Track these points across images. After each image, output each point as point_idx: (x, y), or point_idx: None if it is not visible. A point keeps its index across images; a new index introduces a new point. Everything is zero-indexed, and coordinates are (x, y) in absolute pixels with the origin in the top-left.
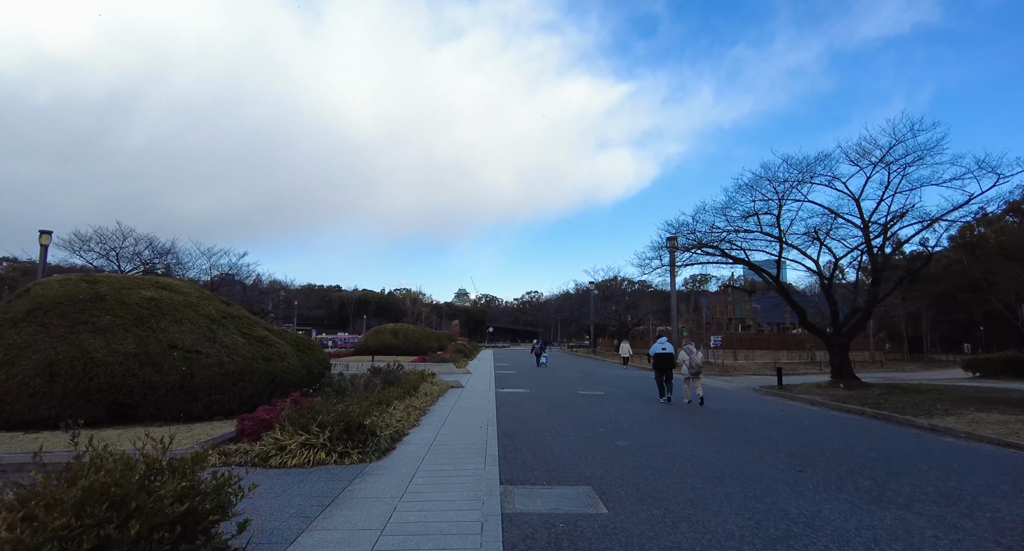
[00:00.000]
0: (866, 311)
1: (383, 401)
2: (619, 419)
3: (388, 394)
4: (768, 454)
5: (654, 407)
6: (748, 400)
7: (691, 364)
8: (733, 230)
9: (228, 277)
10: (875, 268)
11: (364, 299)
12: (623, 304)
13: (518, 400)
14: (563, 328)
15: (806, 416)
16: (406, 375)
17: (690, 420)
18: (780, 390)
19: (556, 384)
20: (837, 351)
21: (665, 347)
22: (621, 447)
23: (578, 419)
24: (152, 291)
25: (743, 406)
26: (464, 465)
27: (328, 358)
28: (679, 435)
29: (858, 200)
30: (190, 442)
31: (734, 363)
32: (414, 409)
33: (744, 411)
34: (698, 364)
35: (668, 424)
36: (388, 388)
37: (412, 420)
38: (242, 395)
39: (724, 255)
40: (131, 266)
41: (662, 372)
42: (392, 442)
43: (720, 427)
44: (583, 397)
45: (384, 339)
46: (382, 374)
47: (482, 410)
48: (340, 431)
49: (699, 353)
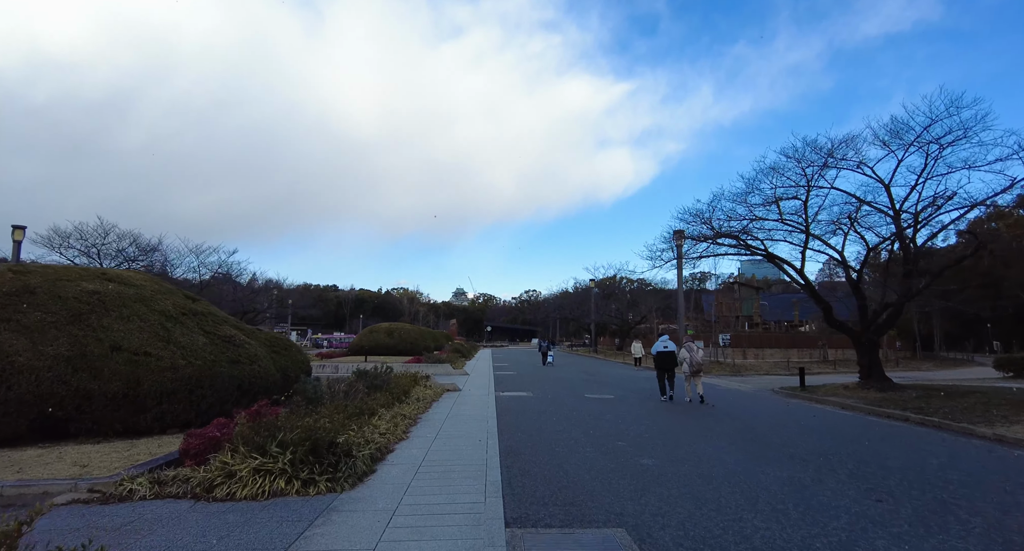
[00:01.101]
0: (898, 306)
1: (365, 410)
2: (637, 429)
3: (372, 401)
4: (826, 474)
5: (673, 413)
6: (772, 404)
7: (692, 362)
8: (754, 218)
9: (225, 276)
10: (908, 259)
11: (361, 299)
12: (625, 302)
13: (521, 406)
14: (562, 327)
15: (845, 423)
16: (396, 378)
17: (718, 429)
18: (803, 392)
19: (560, 386)
20: (866, 350)
21: (667, 345)
22: (649, 468)
23: (591, 429)
24: (96, 283)
25: (769, 411)
26: (459, 494)
27: (308, 360)
28: (711, 449)
29: (888, 186)
30: (124, 464)
31: (744, 362)
32: (403, 418)
33: (773, 417)
34: (699, 362)
35: (695, 435)
36: (374, 394)
37: (400, 432)
38: (201, 404)
39: (745, 246)
40: (114, 264)
41: (663, 370)
42: (372, 463)
43: (755, 438)
44: (592, 401)
45: (379, 339)
46: (368, 378)
47: (481, 418)
48: (305, 452)
49: (699, 351)
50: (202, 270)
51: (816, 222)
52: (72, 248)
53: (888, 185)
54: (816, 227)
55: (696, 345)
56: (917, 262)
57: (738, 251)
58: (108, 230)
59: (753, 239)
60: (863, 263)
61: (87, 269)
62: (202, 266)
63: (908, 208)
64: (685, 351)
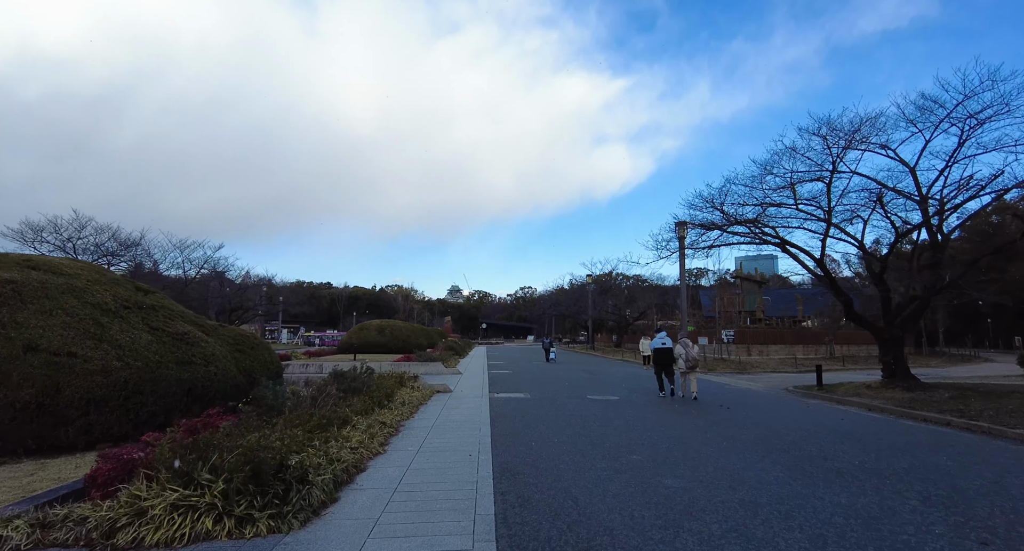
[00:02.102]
0: (925, 299)
1: (335, 420)
2: (651, 437)
3: (347, 408)
4: (894, 500)
5: (687, 417)
6: (791, 406)
7: (687, 358)
8: (771, 204)
9: (214, 273)
10: (936, 247)
11: (355, 296)
12: (622, 298)
13: (517, 410)
14: (558, 324)
15: (881, 429)
16: (379, 380)
17: (743, 437)
18: (822, 392)
19: (559, 386)
20: (890, 346)
21: (665, 342)
22: (676, 492)
23: (599, 438)
24: (13, 272)
25: (791, 414)
26: (440, 536)
27: (278, 360)
28: (743, 464)
29: (913, 169)
30: (14, 496)
31: (749, 359)
32: (382, 428)
33: (798, 422)
34: (694, 358)
35: (719, 445)
36: (350, 398)
37: (376, 445)
38: (140, 413)
39: (759, 235)
40: (91, 259)
41: (661, 367)
42: (335, 489)
43: (787, 448)
44: (595, 404)
45: (369, 336)
46: (345, 380)
47: (472, 426)
48: (244, 479)
49: (695, 347)
50: (187, 266)
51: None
52: (46, 243)
53: (914, 168)
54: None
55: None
56: (944, 250)
57: (751, 240)
58: (84, 224)
59: (767, 226)
60: (889, 252)
61: (6, 255)
62: (187, 262)
63: (934, 194)
64: (680, 347)
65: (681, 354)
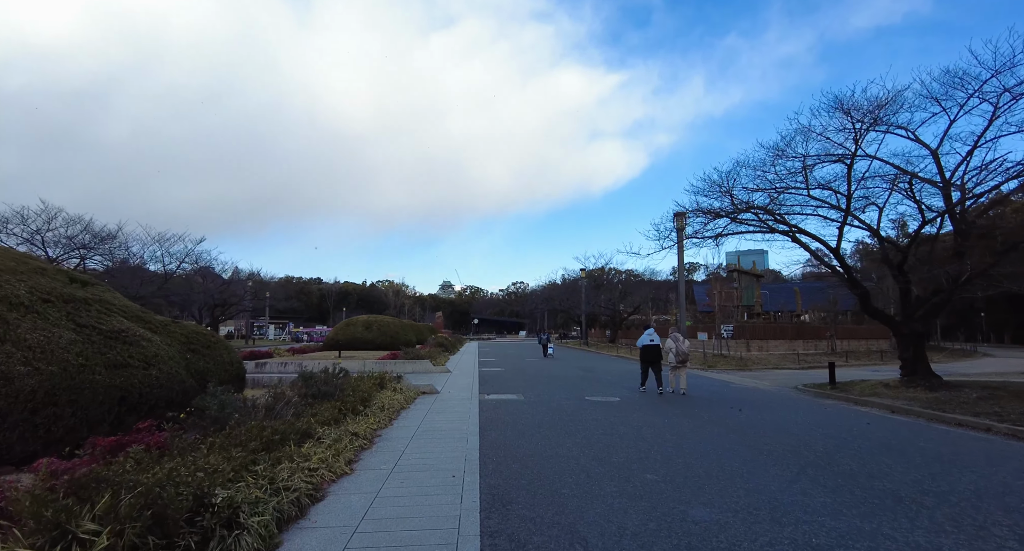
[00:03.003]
0: (948, 291)
1: (292, 434)
2: (665, 449)
3: (310, 417)
4: (989, 543)
5: (701, 422)
6: (807, 407)
7: (677, 352)
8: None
9: (202, 269)
10: (961, 235)
11: (345, 292)
12: (617, 292)
13: (510, 414)
14: (550, 319)
15: (916, 436)
16: (355, 382)
17: (770, 449)
18: (836, 391)
19: (554, 386)
20: (910, 342)
21: (653, 339)
22: (710, 527)
23: (604, 452)
24: None
25: (810, 418)
26: None
27: (240, 361)
28: (781, 486)
29: (936, 152)
30: None
31: (750, 355)
32: (353, 440)
33: (823, 428)
34: (684, 352)
35: (747, 459)
36: (319, 405)
37: (341, 464)
38: (54, 428)
39: (774, 221)
40: (61, 253)
41: (648, 363)
42: (277, 531)
43: (825, 464)
44: (596, 407)
45: (356, 332)
46: (316, 382)
47: (459, 436)
48: (143, 530)
49: (686, 342)
50: (167, 260)
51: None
52: (12, 235)
53: (936, 151)
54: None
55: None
56: (969, 238)
57: (757, 228)
58: (53, 215)
59: (779, 214)
60: (913, 239)
61: None
62: (167, 256)
63: (957, 179)
64: (671, 341)
65: (671, 348)
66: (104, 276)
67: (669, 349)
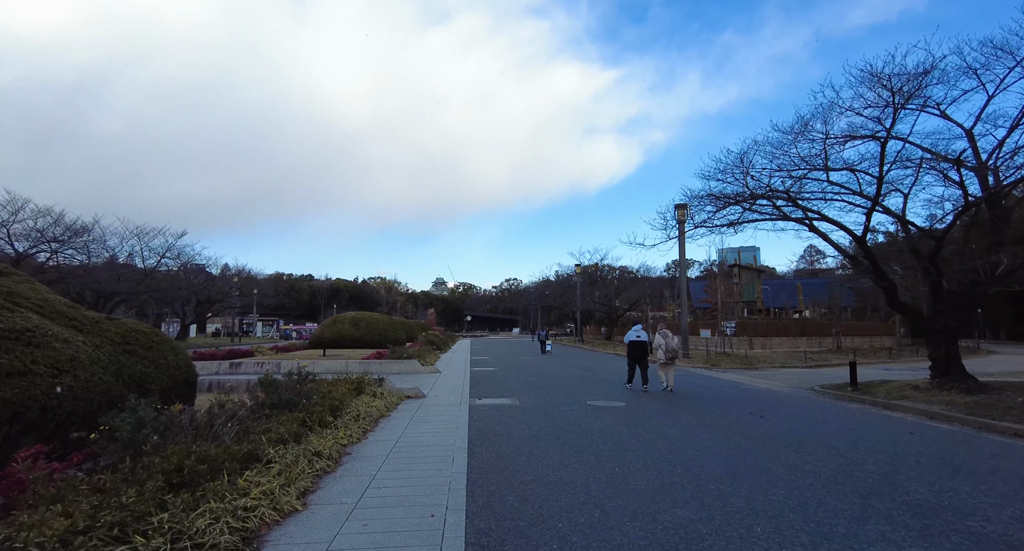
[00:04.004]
0: (986, 285)
1: (226, 461)
2: (691, 470)
3: (261, 435)
4: None
5: (720, 432)
6: (833, 413)
7: (667, 349)
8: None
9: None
10: (999, 223)
11: (336, 288)
12: (613, 288)
13: (505, 424)
14: (543, 316)
15: (977, 450)
16: (328, 386)
17: (810, 468)
18: (858, 393)
19: (552, 388)
20: (941, 339)
21: (640, 335)
22: None
23: (619, 475)
24: None
25: (843, 425)
26: None
27: (188, 364)
28: (848, 526)
29: (970, 132)
30: None
31: (754, 353)
32: (313, 462)
33: (863, 439)
34: (674, 349)
35: (791, 485)
36: (277, 416)
37: (293, 497)
38: None
39: (794, 207)
40: (30, 247)
41: (635, 360)
42: None
43: (888, 490)
44: (600, 414)
45: (343, 330)
46: (276, 389)
47: (443, 454)
48: None
49: (675, 338)
50: (147, 255)
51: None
52: None
53: (971, 130)
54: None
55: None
56: (1009, 226)
57: (770, 216)
58: (20, 206)
59: (800, 199)
60: (951, 226)
61: None
62: (147, 250)
63: (990, 164)
64: (660, 337)
65: (660, 345)
66: (78, 271)
67: (658, 346)
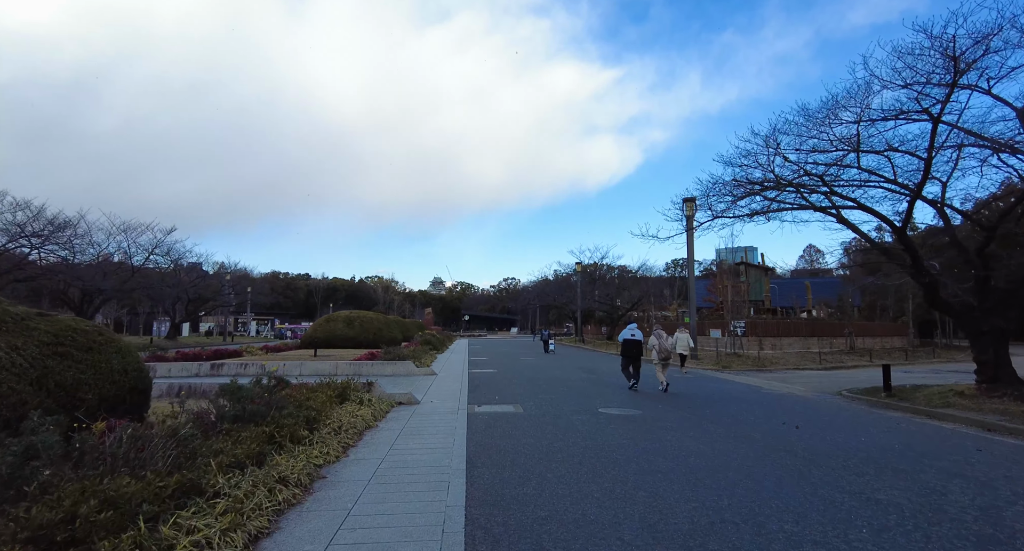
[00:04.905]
0: None
1: (147, 502)
2: (741, 503)
3: (210, 458)
4: None
5: (759, 449)
6: (875, 424)
7: (660, 349)
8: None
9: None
10: None
11: (333, 287)
12: (614, 286)
13: (508, 438)
14: (542, 315)
15: None
16: (307, 393)
17: (884, 499)
18: (895, 400)
19: (558, 393)
20: (989, 341)
21: (634, 334)
22: None
23: (653, 509)
24: None
25: (895, 439)
26: None
27: (142, 368)
28: None
29: (1022, 112)
30: None
31: (765, 354)
32: (274, 493)
33: (926, 458)
34: (667, 349)
35: (876, 528)
36: (237, 432)
37: (238, 546)
38: None
39: (825, 193)
40: (8, 240)
41: (630, 359)
42: None
43: (1003, 539)
44: (616, 425)
45: (336, 329)
46: (241, 398)
47: (437, 478)
48: None
49: (669, 339)
50: (135, 251)
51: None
52: None
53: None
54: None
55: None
56: None
57: (796, 203)
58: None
59: (837, 186)
60: (1002, 217)
61: None
62: (135, 246)
63: None
64: (654, 338)
65: (654, 345)
66: (60, 268)
67: (652, 346)
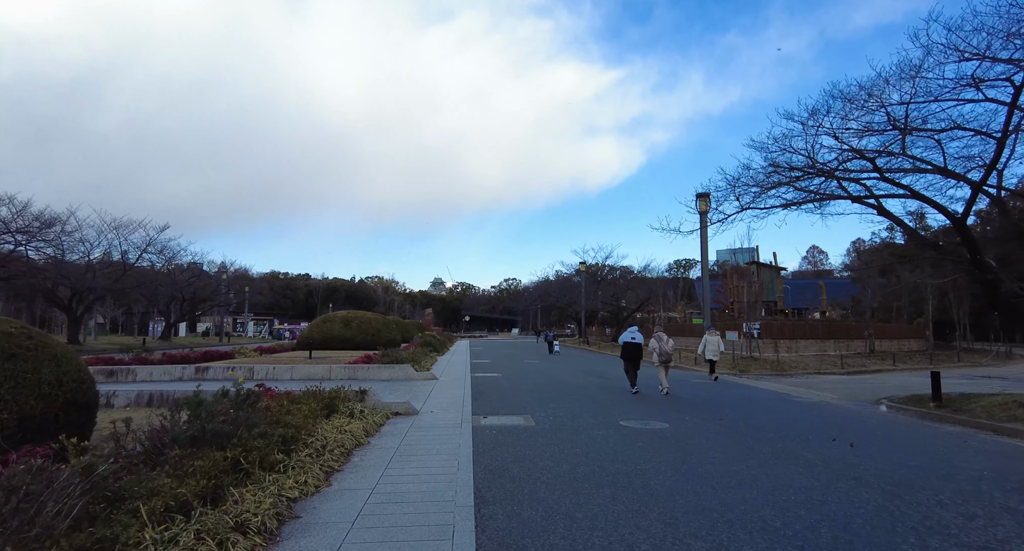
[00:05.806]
0: None
1: None
2: None
3: (135, 504)
4: None
5: (833, 480)
6: (937, 441)
7: (660, 352)
8: (914, 130)
9: (168, 260)
10: None
11: (333, 287)
12: (619, 287)
13: (521, 459)
14: (543, 316)
15: None
16: (288, 406)
17: None
18: (948, 411)
19: (569, 399)
20: None
21: (634, 337)
22: None
23: None
24: None
25: (973, 465)
26: None
27: (85, 378)
28: None
29: None
30: None
31: (783, 357)
32: (231, 542)
33: None
34: (667, 352)
35: None
36: (193, 458)
37: None
38: None
39: (881, 179)
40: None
41: (630, 362)
42: None
43: None
44: (643, 441)
45: (333, 329)
46: (200, 415)
47: (439, 520)
48: None
49: (669, 341)
50: (125, 248)
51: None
52: None
53: None
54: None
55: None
56: None
57: (823, 196)
58: None
59: (890, 173)
60: None
61: None
62: (126, 243)
63: None
64: (655, 341)
65: (655, 348)
66: (48, 265)
67: (653, 349)
